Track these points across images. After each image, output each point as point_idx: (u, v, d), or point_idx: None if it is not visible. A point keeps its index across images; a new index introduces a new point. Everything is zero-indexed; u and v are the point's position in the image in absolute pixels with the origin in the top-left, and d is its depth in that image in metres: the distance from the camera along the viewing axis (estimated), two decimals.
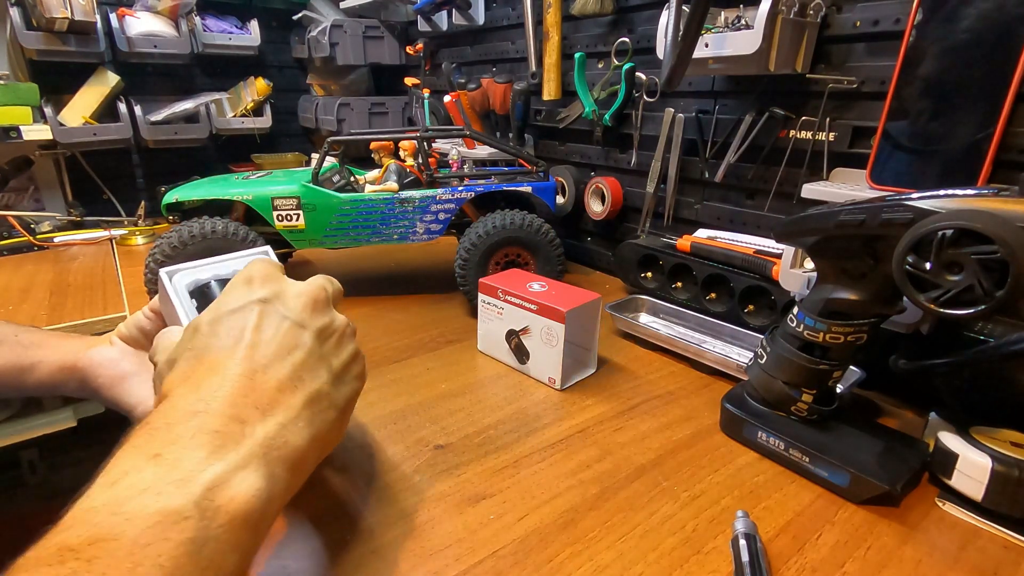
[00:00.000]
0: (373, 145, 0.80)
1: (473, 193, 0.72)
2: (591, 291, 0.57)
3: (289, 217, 0.69)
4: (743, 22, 0.60)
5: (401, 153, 0.82)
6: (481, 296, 0.61)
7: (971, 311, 0.33)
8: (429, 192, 0.71)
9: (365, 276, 0.90)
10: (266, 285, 0.33)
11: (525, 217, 0.70)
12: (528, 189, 0.74)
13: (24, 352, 0.43)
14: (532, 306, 0.55)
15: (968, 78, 0.48)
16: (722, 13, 0.63)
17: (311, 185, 0.69)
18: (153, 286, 0.65)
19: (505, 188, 0.74)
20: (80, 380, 0.43)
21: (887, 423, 0.51)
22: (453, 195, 0.72)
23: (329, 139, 0.70)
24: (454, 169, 0.84)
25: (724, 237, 0.70)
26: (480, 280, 0.60)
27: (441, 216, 0.72)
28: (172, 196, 0.71)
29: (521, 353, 0.58)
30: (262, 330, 0.30)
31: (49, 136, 1.07)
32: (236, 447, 0.26)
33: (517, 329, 0.58)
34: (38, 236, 1.07)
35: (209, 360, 0.29)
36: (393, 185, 0.71)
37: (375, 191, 0.71)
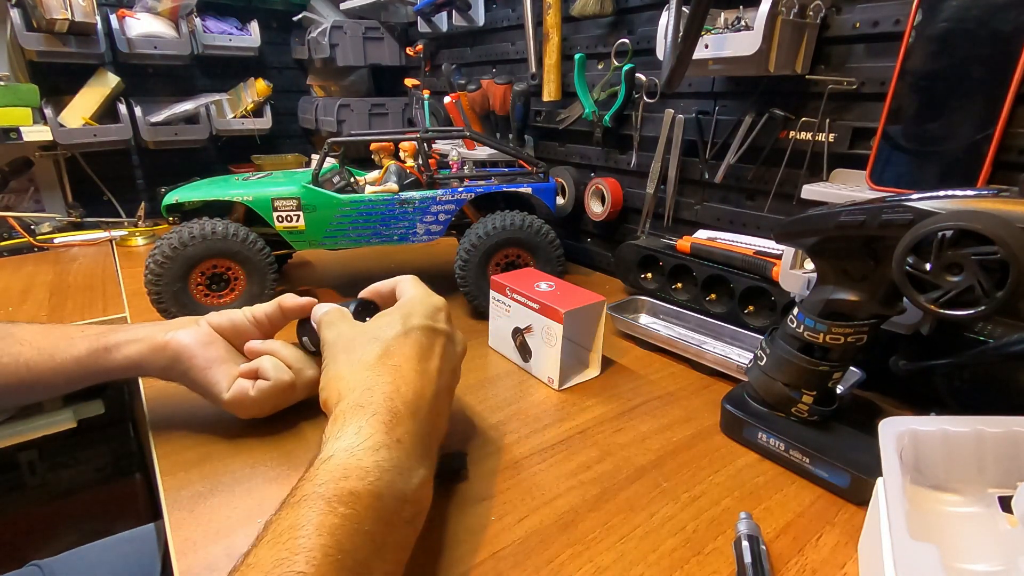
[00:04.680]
0: (373, 146, 0.81)
1: (473, 194, 0.72)
2: (595, 293, 0.57)
3: (289, 218, 0.69)
4: (743, 23, 0.60)
5: (401, 154, 0.82)
6: (493, 293, 0.62)
7: (971, 312, 0.33)
8: (429, 193, 0.71)
9: (364, 277, 0.90)
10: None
11: (525, 218, 0.70)
12: (528, 190, 0.75)
13: (100, 337, 0.46)
14: (535, 305, 0.56)
15: (967, 79, 0.48)
16: (722, 14, 0.63)
17: (311, 186, 0.69)
18: (154, 287, 0.65)
19: (505, 189, 0.74)
20: (171, 359, 0.46)
21: None
22: (453, 196, 0.72)
23: (329, 140, 0.70)
24: (454, 170, 0.84)
25: (724, 238, 0.70)
26: (492, 277, 0.62)
27: (441, 217, 0.72)
28: (172, 197, 0.71)
29: (525, 351, 0.59)
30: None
31: (49, 137, 1.07)
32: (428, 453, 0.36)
33: (522, 327, 0.58)
34: (38, 237, 1.07)
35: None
36: (393, 186, 0.71)
37: (375, 192, 0.71)
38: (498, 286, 0.61)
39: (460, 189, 0.72)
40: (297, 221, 0.70)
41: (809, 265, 0.54)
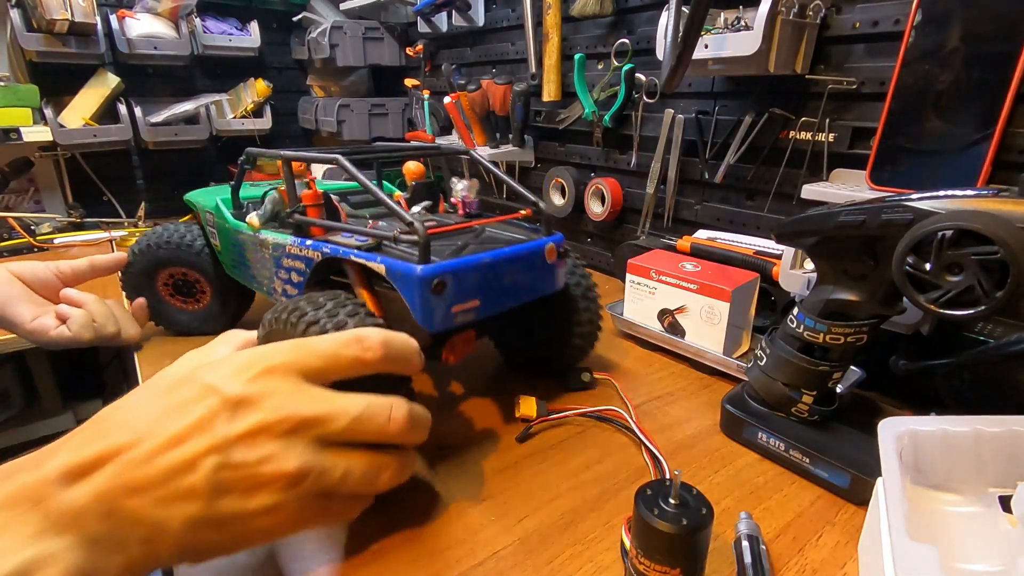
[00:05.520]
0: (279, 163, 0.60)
1: (319, 253, 0.45)
2: (741, 270, 0.59)
3: (214, 235, 0.60)
4: (743, 23, 0.60)
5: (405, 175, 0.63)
6: (631, 276, 0.63)
7: (971, 312, 0.33)
8: (282, 240, 0.49)
9: None
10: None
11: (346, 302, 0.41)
12: (380, 267, 0.41)
13: None
14: (692, 285, 0.57)
15: (967, 79, 0.48)
16: (722, 14, 0.63)
17: (219, 203, 0.58)
18: (123, 287, 0.63)
19: (353, 258, 0.43)
20: None
21: None
22: (300, 251, 0.47)
23: (247, 150, 0.54)
24: (460, 209, 0.57)
25: (724, 238, 0.70)
26: (630, 261, 0.62)
27: (294, 277, 0.49)
28: (187, 196, 0.67)
29: (675, 331, 0.61)
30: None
31: (49, 138, 1.07)
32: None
33: (672, 308, 0.60)
34: (38, 238, 1.07)
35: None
36: (254, 219, 0.52)
37: (248, 222, 0.52)
38: (640, 269, 0.62)
39: (308, 243, 0.47)
40: (216, 239, 0.60)
41: (809, 265, 0.54)
